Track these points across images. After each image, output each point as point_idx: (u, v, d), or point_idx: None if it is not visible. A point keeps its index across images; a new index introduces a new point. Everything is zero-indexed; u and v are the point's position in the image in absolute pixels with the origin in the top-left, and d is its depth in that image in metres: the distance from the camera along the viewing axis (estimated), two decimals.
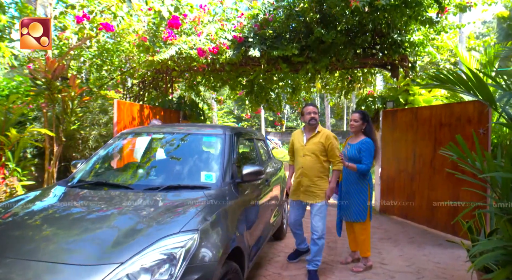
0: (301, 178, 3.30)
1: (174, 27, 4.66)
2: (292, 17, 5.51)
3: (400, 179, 5.65)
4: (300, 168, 3.31)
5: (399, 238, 4.72)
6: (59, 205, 2.10)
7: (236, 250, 2.31)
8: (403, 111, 5.64)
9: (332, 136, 3.29)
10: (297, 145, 3.39)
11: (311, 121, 3.27)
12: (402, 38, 5.75)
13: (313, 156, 3.25)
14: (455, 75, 2.12)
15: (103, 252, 1.58)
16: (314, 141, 3.28)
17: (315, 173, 3.25)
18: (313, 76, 7.14)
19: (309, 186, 3.27)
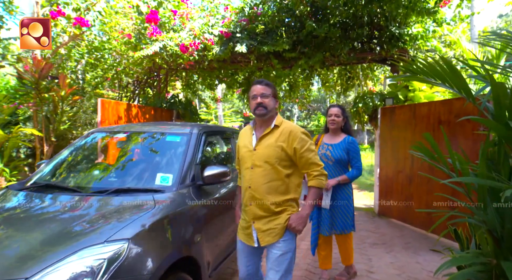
0: (249, 206, 2.00)
1: (152, 22, 4.50)
2: (282, 10, 5.27)
3: (398, 180, 5.34)
4: (247, 188, 2.00)
5: (394, 243, 4.44)
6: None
7: (190, 261, 2.13)
8: (402, 108, 5.33)
9: (300, 132, 1.98)
10: (243, 150, 2.08)
11: (258, 110, 1.97)
12: (401, 31, 5.43)
13: (266, 166, 1.94)
14: (427, 65, 1.86)
15: (8, 266, 1.41)
16: (268, 142, 1.97)
17: (272, 196, 1.95)
18: (310, 73, 6.89)
19: (264, 218, 1.97)
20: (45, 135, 5.72)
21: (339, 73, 7.13)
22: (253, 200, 1.99)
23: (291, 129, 1.99)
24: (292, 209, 2.01)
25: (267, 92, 1.99)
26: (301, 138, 1.98)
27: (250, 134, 2.10)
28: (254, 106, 2.00)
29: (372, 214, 6.03)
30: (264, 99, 1.99)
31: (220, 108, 20.19)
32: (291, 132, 1.98)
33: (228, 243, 2.82)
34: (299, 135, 1.98)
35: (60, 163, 2.73)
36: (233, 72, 7.36)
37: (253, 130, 2.10)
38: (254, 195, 1.98)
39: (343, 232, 3.07)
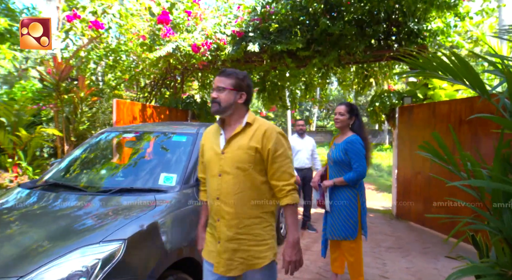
0: (217, 222, 1.63)
1: (164, 23, 4.54)
2: (296, 8, 5.18)
3: (417, 181, 5.13)
4: (214, 200, 1.64)
5: (412, 247, 4.26)
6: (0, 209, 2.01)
7: (192, 262, 2.11)
8: (420, 107, 5.12)
9: (276, 132, 1.64)
10: (208, 154, 1.70)
11: (211, 106, 1.68)
12: (420, 27, 5.21)
13: (237, 172, 1.59)
14: (437, 60, 1.75)
15: (6, 263, 1.43)
16: (240, 143, 1.61)
17: (246, 209, 1.60)
18: (326, 71, 6.75)
19: (235, 240, 1.59)
20: (65, 135, 5.92)
21: (356, 72, 6.95)
22: (221, 214, 1.60)
23: (266, 127, 1.64)
24: (271, 225, 1.65)
25: (223, 85, 1.62)
26: (277, 139, 1.62)
27: (217, 135, 1.70)
28: (210, 102, 1.69)
29: (390, 216, 5.83)
30: (219, 93, 1.62)
31: None
32: (266, 131, 1.62)
33: None
34: (276, 135, 1.63)
35: (70, 162, 2.79)
36: (248, 72, 7.33)
37: (220, 130, 1.69)
38: (224, 208, 1.59)
39: (346, 238, 2.76)
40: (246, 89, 1.67)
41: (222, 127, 1.69)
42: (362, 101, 25.21)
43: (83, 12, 5.02)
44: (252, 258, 1.58)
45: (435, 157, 1.62)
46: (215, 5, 6.09)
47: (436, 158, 1.62)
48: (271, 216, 1.67)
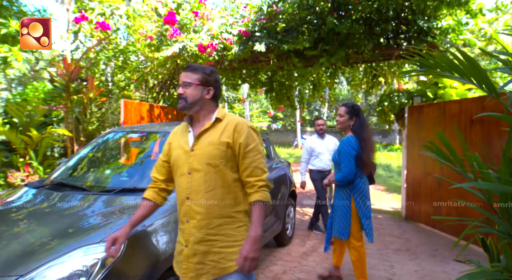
0: (186, 224, 1.54)
1: (170, 23, 4.56)
2: (302, 7, 5.14)
3: (427, 182, 5.03)
4: (184, 199, 1.55)
5: (420, 250, 4.17)
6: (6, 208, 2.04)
7: None
8: (430, 107, 5.02)
9: (247, 126, 1.59)
10: (176, 153, 1.61)
11: (178, 103, 1.60)
12: (430, 25, 5.11)
13: (208, 169, 1.52)
14: (444, 59, 1.70)
15: (7, 262, 1.45)
16: (210, 139, 1.55)
17: (218, 209, 1.52)
18: (334, 71, 6.68)
19: (205, 241, 1.51)
20: (75, 135, 6.00)
21: (365, 71, 6.86)
22: (191, 215, 1.51)
23: (236, 122, 1.58)
24: (244, 225, 1.56)
25: (189, 80, 1.57)
26: (249, 133, 1.57)
27: (185, 133, 1.64)
28: (179, 93, 1.59)
29: (399, 218, 5.73)
30: (185, 89, 1.57)
31: (247, 109, 20.26)
32: (237, 125, 1.57)
33: None
34: (247, 129, 1.57)
35: (77, 162, 2.82)
36: (255, 72, 7.31)
37: (189, 128, 1.63)
38: (194, 208, 1.51)
39: (339, 237, 2.88)
40: (214, 84, 1.62)
41: (190, 125, 1.63)
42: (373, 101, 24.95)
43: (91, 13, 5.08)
44: (225, 260, 1.49)
45: (441, 158, 1.57)
46: (223, 5, 6.09)
47: (442, 159, 1.58)
48: (245, 215, 1.58)
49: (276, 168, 4.09)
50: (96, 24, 4.25)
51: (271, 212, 3.59)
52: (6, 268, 1.42)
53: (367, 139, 2.78)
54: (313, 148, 4.73)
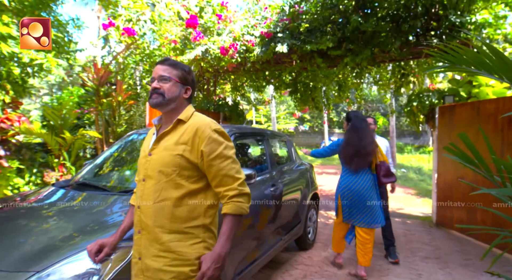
0: (138, 235, 1.43)
1: (192, 26, 4.63)
2: (326, 7, 5.04)
3: (459, 187, 4.74)
4: (136, 208, 1.45)
5: (451, 258, 3.93)
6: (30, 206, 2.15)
7: None
8: (463, 107, 4.73)
9: (210, 130, 1.40)
10: (140, 157, 1.53)
11: (152, 98, 1.43)
12: (463, 20, 4.82)
13: (160, 178, 1.38)
14: (470, 54, 1.59)
15: (26, 258, 1.52)
16: (167, 143, 1.41)
17: (166, 223, 1.37)
18: (360, 71, 6.49)
19: (157, 257, 1.36)
20: (105, 137, 6.26)
21: (393, 70, 6.60)
22: (142, 226, 1.40)
23: (198, 125, 1.38)
24: (199, 241, 1.38)
25: (168, 75, 1.42)
26: (211, 138, 1.38)
27: (152, 135, 1.53)
28: (150, 93, 1.44)
29: (429, 224, 5.45)
30: (162, 83, 1.42)
31: (273, 110, 20.19)
32: (198, 130, 1.38)
33: (253, 248, 2.74)
34: (208, 134, 1.38)
35: (101, 162, 2.93)
36: (279, 73, 7.27)
37: (155, 129, 1.52)
38: (143, 220, 1.39)
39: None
40: (191, 84, 1.51)
41: (157, 126, 1.50)
42: (404, 101, 24.04)
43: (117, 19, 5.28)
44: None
45: (464, 161, 1.46)
46: (246, 7, 6.12)
47: (466, 162, 1.46)
48: (205, 230, 1.40)
49: (297, 170, 4.02)
50: (122, 30, 4.41)
51: (291, 214, 3.53)
52: (25, 263, 1.48)
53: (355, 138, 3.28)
54: None
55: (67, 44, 5.83)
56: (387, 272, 3.53)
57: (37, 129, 5.40)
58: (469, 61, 1.59)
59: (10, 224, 1.87)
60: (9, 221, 1.92)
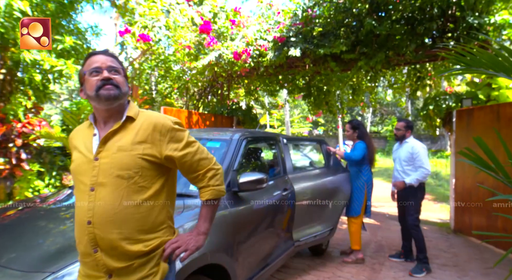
0: (95, 255, 1.19)
1: (205, 32, 4.70)
2: (339, 10, 5.02)
3: (479, 193, 4.60)
4: (83, 225, 1.20)
5: (470, 266, 3.81)
6: (49, 207, 2.21)
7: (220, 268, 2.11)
8: (482, 110, 4.61)
9: (171, 123, 1.31)
10: (77, 162, 1.29)
11: (106, 89, 1.22)
12: (481, 21, 4.71)
13: (119, 183, 1.20)
14: (486, 56, 1.56)
15: (43, 259, 1.56)
16: (120, 143, 1.24)
17: (134, 233, 1.21)
18: (374, 74, 6.42)
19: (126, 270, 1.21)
20: None
21: (408, 73, 6.49)
22: (98, 243, 1.18)
23: (155, 121, 1.27)
24: (167, 232, 1.30)
25: (117, 66, 1.27)
26: (174, 130, 1.29)
27: (89, 136, 1.29)
28: (97, 85, 1.21)
29: (447, 230, 5.30)
30: (113, 75, 1.24)
31: (287, 114, 20.15)
32: (157, 125, 1.26)
33: (266, 252, 2.74)
34: (170, 126, 1.28)
35: None
36: (293, 77, 7.28)
37: (94, 129, 1.28)
38: (99, 235, 1.18)
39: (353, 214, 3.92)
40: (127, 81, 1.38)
41: (95, 125, 1.29)
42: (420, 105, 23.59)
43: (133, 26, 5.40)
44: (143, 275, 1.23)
45: (481, 166, 1.42)
46: (260, 12, 6.16)
47: (482, 167, 1.42)
48: (170, 229, 1.33)
49: (325, 176, 3.80)
50: (138, 37, 4.52)
51: (311, 220, 3.44)
52: (45, 262, 1.52)
53: (371, 142, 3.99)
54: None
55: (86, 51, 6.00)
56: (402, 279, 3.45)
57: (57, 133, 5.56)
58: (487, 63, 1.56)
59: (30, 225, 1.93)
60: (29, 222, 1.98)
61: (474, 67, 1.61)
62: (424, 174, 3.58)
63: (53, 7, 4.68)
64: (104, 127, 1.28)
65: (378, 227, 5.50)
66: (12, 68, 5.00)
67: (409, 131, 3.81)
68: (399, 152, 3.84)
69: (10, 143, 4.66)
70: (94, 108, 1.29)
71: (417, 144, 3.71)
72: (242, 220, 2.43)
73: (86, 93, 1.26)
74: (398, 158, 3.83)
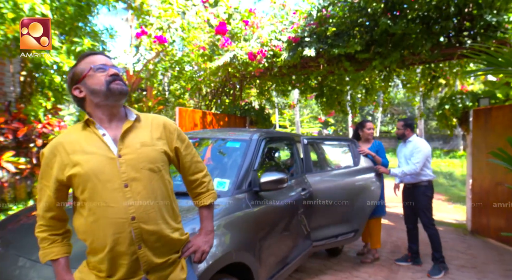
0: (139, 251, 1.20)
1: (221, 33, 4.74)
2: (353, 10, 5.01)
3: (497, 193, 4.54)
4: (127, 222, 1.18)
5: (489, 268, 3.77)
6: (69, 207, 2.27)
7: (243, 267, 2.14)
8: (500, 109, 4.54)
9: (174, 123, 1.43)
10: (92, 163, 1.19)
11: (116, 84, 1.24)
12: (499, 19, 4.65)
13: (152, 176, 1.25)
14: None
15: (75, 256, 1.60)
16: (141, 139, 1.27)
17: (171, 223, 1.31)
18: (388, 74, 6.38)
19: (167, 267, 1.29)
20: None
21: (422, 73, 6.43)
22: (143, 238, 1.20)
23: (163, 120, 1.38)
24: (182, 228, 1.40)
25: (119, 68, 1.30)
26: (178, 130, 1.41)
27: (90, 137, 1.23)
28: (106, 79, 1.22)
29: (463, 231, 5.24)
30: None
31: (297, 114, 20.11)
32: (166, 124, 1.37)
33: (286, 251, 2.76)
34: (175, 126, 1.41)
35: None
36: (305, 77, 7.27)
37: (97, 130, 1.24)
38: (145, 229, 1.20)
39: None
40: None
41: (100, 126, 1.25)
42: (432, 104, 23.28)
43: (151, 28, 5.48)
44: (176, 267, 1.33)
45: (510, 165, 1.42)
46: (272, 12, 6.18)
47: None
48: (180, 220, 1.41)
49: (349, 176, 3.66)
50: (154, 38, 4.59)
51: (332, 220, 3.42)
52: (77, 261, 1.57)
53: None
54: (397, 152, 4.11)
55: None
56: None
57: None
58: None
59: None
60: None
61: (503, 67, 1.60)
62: (412, 169, 3.54)
63: (72, 10, 4.78)
64: (110, 127, 1.26)
65: (393, 228, 5.46)
66: (32, 70, 5.13)
67: (408, 129, 3.78)
68: (404, 151, 3.81)
69: (31, 143, 4.78)
70: (96, 107, 1.25)
71: (421, 142, 3.70)
72: (263, 220, 2.46)
73: (90, 89, 1.24)
74: (404, 157, 3.79)
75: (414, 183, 3.66)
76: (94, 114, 1.27)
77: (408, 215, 3.84)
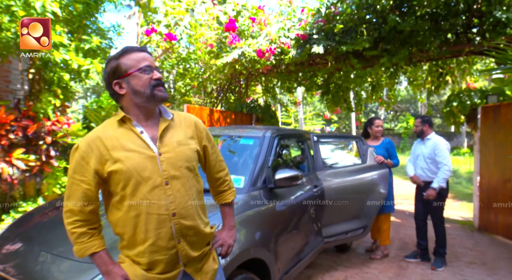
0: (178, 245, 1.26)
1: (231, 30, 4.74)
2: (362, 7, 5.00)
3: (506, 190, 4.54)
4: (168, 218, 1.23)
5: (499, 265, 3.78)
6: None
7: (259, 262, 2.16)
8: (509, 107, 4.54)
9: (201, 122, 1.47)
10: (133, 160, 1.21)
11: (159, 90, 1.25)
12: (509, 15, 4.63)
13: (188, 174, 1.30)
14: None
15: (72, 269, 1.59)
16: (177, 138, 1.30)
17: (204, 218, 1.39)
18: (395, 71, 6.37)
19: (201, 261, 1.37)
20: None
21: (429, 70, 6.42)
22: (182, 233, 1.26)
23: (194, 119, 1.41)
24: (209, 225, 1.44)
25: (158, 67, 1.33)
26: (205, 129, 1.45)
27: (127, 134, 1.24)
28: (150, 83, 1.22)
29: (471, 228, 5.25)
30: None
31: (300, 111, 20.09)
32: (196, 123, 1.41)
33: (299, 247, 2.78)
34: (203, 125, 1.45)
35: None
36: (311, 74, 7.27)
37: (135, 127, 1.25)
38: (185, 224, 1.26)
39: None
40: None
41: (137, 123, 1.26)
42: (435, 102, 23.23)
43: (158, 26, 5.49)
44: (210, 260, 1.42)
45: None
46: (279, 10, 6.18)
47: None
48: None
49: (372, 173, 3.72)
50: (164, 35, 4.59)
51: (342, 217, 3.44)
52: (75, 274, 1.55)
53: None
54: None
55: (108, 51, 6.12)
56: (430, 276, 3.45)
57: (77, 131, 5.69)
58: None
59: None
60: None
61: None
62: (446, 170, 3.51)
63: (80, 8, 4.78)
64: (147, 124, 1.27)
65: (400, 225, 5.48)
66: (40, 68, 5.14)
67: (427, 125, 3.77)
68: (423, 148, 3.77)
69: (40, 140, 4.80)
70: (135, 106, 1.25)
71: (440, 140, 3.67)
72: (277, 216, 2.48)
73: (133, 89, 1.23)
74: (422, 155, 3.75)
75: (430, 181, 3.64)
76: (131, 111, 1.27)
77: (420, 211, 3.84)
